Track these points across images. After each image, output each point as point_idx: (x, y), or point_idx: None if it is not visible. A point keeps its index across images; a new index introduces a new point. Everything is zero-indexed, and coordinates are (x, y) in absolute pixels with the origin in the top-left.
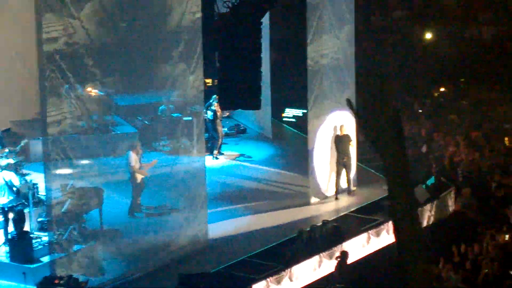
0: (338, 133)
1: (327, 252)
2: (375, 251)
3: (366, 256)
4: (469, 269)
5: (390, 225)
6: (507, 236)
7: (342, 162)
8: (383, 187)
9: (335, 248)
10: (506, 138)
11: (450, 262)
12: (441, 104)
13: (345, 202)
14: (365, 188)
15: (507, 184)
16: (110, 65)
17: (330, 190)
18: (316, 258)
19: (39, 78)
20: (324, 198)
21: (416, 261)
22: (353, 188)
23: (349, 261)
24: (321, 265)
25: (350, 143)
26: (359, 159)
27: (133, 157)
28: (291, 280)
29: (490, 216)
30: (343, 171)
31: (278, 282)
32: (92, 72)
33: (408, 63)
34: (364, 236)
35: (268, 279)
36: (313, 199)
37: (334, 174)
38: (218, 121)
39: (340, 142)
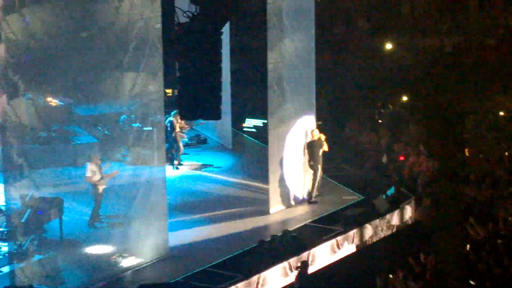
0: (310, 138)
1: (287, 262)
2: (335, 261)
3: (326, 266)
4: (430, 279)
5: (350, 235)
6: (468, 246)
7: (309, 165)
8: (343, 197)
9: (296, 258)
10: (466, 149)
11: (411, 273)
12: (401, 114)
13: (306, 212)
14: (326, 198)
15: (468, 195)
16: (70, 75)
17: (296, 198)
18: (276, 268)
19: None
20: (288, 206)
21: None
22: (314, 196)
23: (310, 271)
24: (282, 275)
25: (322, 147)
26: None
27: (90, 169)
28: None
29: (450, 227)
30: (310, 176)
31: None
32: (52, 82)
33: (368, 74)
34: (324, 246)
35: (236, 285)
36: (274, 209)
37: (302, 180)
38: (177, 131)
39: (310, 147)
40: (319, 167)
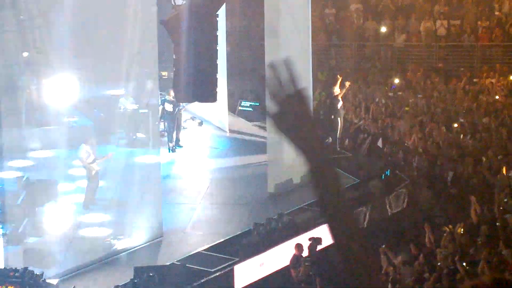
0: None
1: (282, 245)
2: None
3: (322, 249)
4: (422, 262)
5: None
6: (461, 229)
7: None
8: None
9: (291, 241)
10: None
11: (406, 255)
12: (396, 97)
13: (301, 195)
14: None
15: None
16: (66, 58)
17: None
18: (271, 251)
19: None
20: (284, 190)
21: (357, 258)
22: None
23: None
24: (276, 258)
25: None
26: None
27: (84, 150)
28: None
29: (445, 210)
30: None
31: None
32: (48, 64)
33: (363, 57)
34: (321, 228)
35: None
36: (269, 192)
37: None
38: (176, 113)
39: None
40: (338, 119)
